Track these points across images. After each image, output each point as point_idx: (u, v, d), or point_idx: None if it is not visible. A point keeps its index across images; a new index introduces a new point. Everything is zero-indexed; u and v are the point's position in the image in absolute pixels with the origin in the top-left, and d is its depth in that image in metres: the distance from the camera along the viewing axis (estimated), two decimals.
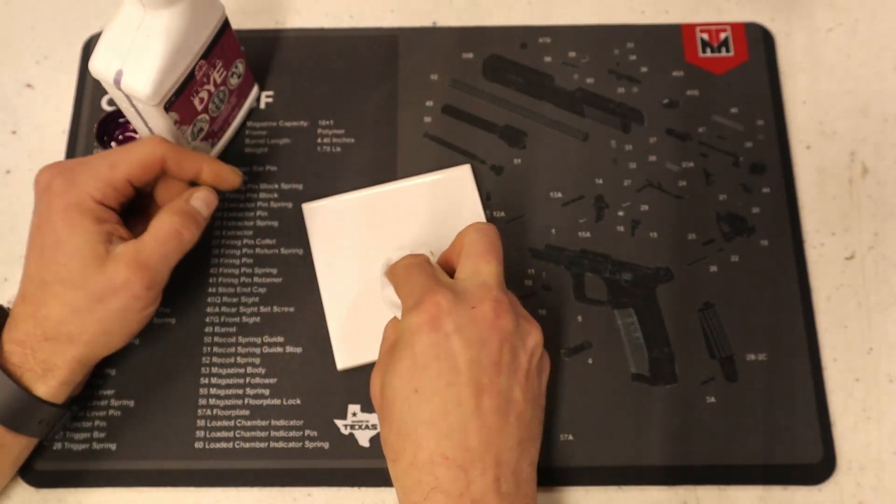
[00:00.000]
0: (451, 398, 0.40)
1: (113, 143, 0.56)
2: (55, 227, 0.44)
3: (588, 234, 0.53)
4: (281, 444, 0.49)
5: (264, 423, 0.50)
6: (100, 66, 0.46)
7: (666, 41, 0.58)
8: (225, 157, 0.55)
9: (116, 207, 0.46)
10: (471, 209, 0.53)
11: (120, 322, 0.45)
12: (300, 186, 0.55)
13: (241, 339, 0.51)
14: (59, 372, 0.45)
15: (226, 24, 0.49)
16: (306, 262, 0.52)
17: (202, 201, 0.48)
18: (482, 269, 0.44)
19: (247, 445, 0.49)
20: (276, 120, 0.56)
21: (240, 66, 0.53)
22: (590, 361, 0.51)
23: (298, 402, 0.50)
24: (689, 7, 0.59)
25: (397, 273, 0.46)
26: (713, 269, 0.53)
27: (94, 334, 0.45)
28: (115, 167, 0.45)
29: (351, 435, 0.49)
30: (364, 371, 0.50)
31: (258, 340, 0.51)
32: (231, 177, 0.49)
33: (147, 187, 0.48)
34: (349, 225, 0.53)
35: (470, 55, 0.58)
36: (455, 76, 0.57)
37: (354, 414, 0.50)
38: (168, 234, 0.45)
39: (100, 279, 0.44)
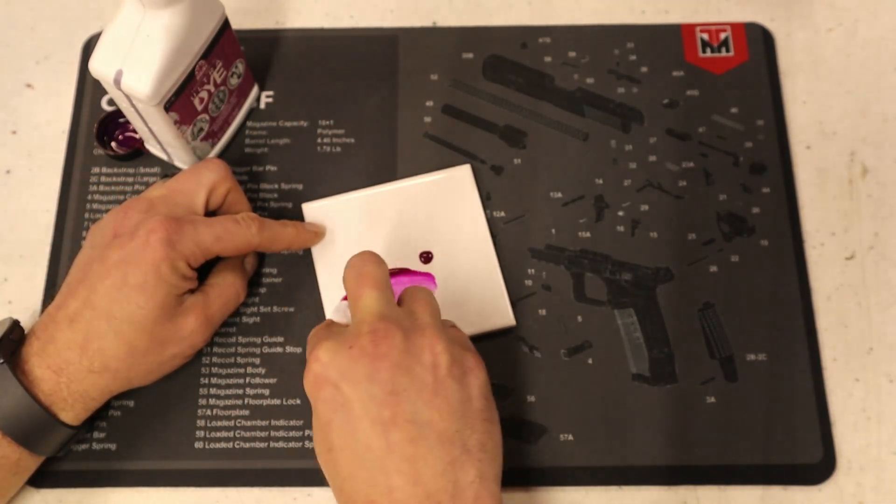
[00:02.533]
0: (360, 445, 0.39)
1: (113, 144, 0.56)
2: (145, 270, 0.44)
3: (588, 234, 0.53)
4: (281, 444, 0.49)
5: (264, 423, 0.50)
6: (100, 66, 0.46)
7: (666, 41, 0.58)
8: (225, 157, 0.55)
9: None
10: (471, 209, 0.53)
11: (166, 365, 0.47)
12: (300, 186, 0.55)
13: (241, 340, 0.51)
14: (91, 403, 0.46)
15: (226, 24, 0.49)
16: (306, 262, 0.52)
17: (251, 264, 0.52)
18: (358, 306, 0.42)
19: (247, 445, 0.49)
20: (276, 120, 0.56)
21: (240, 66, 0.53)
22: (590, 361, 0.51)
23: (298, 402, 0.50)
24: (689, 7, 0.59)
25: None
26: (713, 269, 0.53)
27: (140, 373, 0.46)
28: (219, 242, 0.46)
29: None
30: None
31: (258, 340, 0.51)
32: (314, 241, 0.52)
33: None
34: (349, 225, 0.53)
35: (470, 55, 0.58)
36: (455, 76, 0.57)
37: None
38: (231, 295, 0.49)
39: (168, 327, 0.45)
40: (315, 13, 0.59)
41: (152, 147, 0.54)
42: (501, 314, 0.51)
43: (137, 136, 0.55)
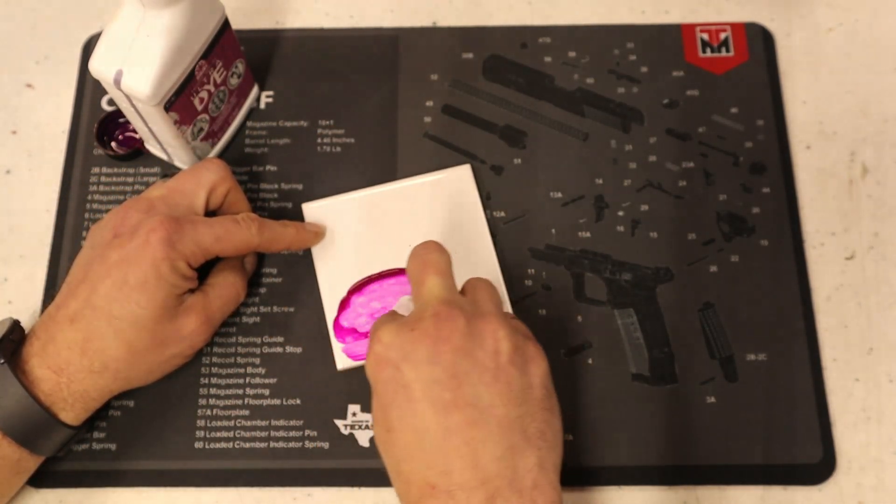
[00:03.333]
0: (419, 426, 0.39)
1: (113, 144, 0.56)
2: (145, 269, 0.44)
3: (588, 234, 0.53)
4: (281, 444, 0.49)
5: (264, 423, 0.50)
6: (100, 66, 0.46)
7: (666, 41, 0.58)
8: (225, 156, 0.55)
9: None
10: (471, 209, 0.53)
11: (166, 365, 0.47)
12: (300, 186, 0.55)
13: (241, 339, 0.51)
14: (91, 403, 0.46)
15: (226, 24, 0.49)
16: (306, 262, 0.52)
17: (251, 264, 0.52)
18: (422, 291, 0.43)
19: (247, 445, 0.49)
20: (276, 120, 0.56)
21: (240, 66, 0.53)
22: (590, 361, 0.51)
23: (298, 402, 0.50)
24: (689, 7, 0.59)
25: None
26: (713, 269, 0.53)
27: (140, 372, 0.46)
28: (219, 242, 0.46)
29: (351, 435, 0.49)
30: (364, 371, 0.50)
31: (258, 340, 0.51)
32: (314, 241, 0.52)
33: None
34: (349, 225, 0.53)
35: (470, 55, 0.58)
36: (455, 76, 0.57)
37: (354, 414, 0.50)
38: (231, 295, 0.49)
39: (169, 326, 0.45)
40: (315, 13, 0.59)
41: (152, 147, 0.54)
42: None
43: (137, 136, 0.55)
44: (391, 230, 0.52)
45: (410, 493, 0.39)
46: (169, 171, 0.55)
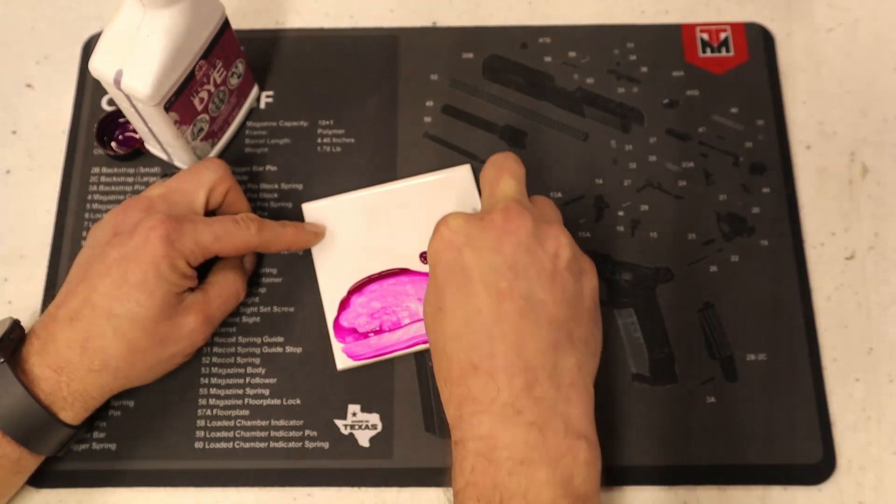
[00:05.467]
0: (471, 309, 0.40)
1: (113, 144, 0.56)
2: (144, 268, 0.44)
3: (588, 234, 0.53)
4: (281, 444, 0.49)
5: (264, 423, 0.50)
6: (100, 66, 0.46)
7: (666, 41, 0.58)
8: (225, 157, 0.55)
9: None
10: (471, 209, 0.53)
11: (166, 363, 0.47)
12: (300, 186, 0.55)
13: (241, 339, 0.51)
14: (91, 402, 0.46)
15: (226, 24, 0.49)
16: (306, 262, 0.52)
17: (251, 263, 0.52)
18: (496, 191, 0.44)
19: (247, 445, 0.49)
20: (276, 120, 0.56)
21: (240, 66, 0.53)
22: None
23: (298, 402, 0.50)
24: (689, 7, 0.59)
25: None
26: (713, 269, 0.53)
27: (140, 371, 0.46)
28: (218, 241, 0.46)
29: (351, 435, 0.49)
30: (364, 371, 0.50)
31: (258, 340, 0.51)
32: (314, 241, 0.52)
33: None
34: (349, 225, 0.53)
35: (470, 55, 0.58)
36: (455, 76, 0.57)
37: (354, 414, 0.50)
38: (230, 294, 0.49)
39: (168, 325, 0.46)
40: (315, 13, 0.59)
41: (152, 147, 0.54)
42: None
43: (137, 136, 0.55)
44: (391, 230, 0.52)
45: (452, 370, 0.40)
46: (169, 171, 0.55)
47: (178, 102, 0.48)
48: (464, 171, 0.54)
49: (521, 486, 0.38)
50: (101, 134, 0.55)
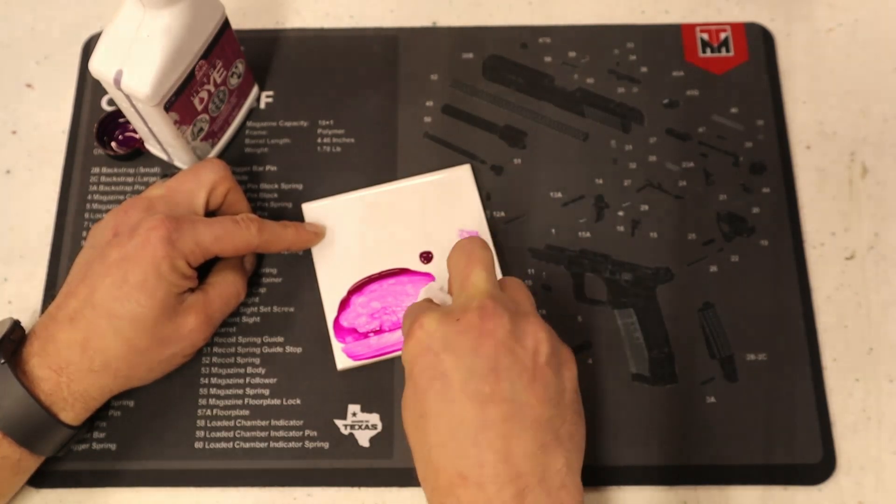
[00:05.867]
0: (455, 416, 0.39)
1: (113, 144, 0.56)
2: (145, 268, 0.44)
3: (588, 234, 0.53)
4: (281, 444, 0.49)
5: (264, 423, 0.50)
6: (100, 66, 0.46)
7: (666, 41, 0.58)
8: (225, 157, 0.55)
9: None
10: (471, 209, 0.53)
11: (166, 364, 0.47)
12: (300, 186, 0.55)
13: (241, 339, 0.51)
14: (92, 402, 0.46)
15: (226, 24, 0.49)
16: (306, 262, 0.52)
17: (251, 264, 0.52)
18: (467, 284, 0.43)
19: (247, 445, 0.49)
20: (276, 120, 0.56)
21: (240, 66, 0.53)
22: (590, 361, 0.51)
23: (298, 402, 0.50)
24: (689, 7, 0.59)
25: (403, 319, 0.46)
26: (713, 269, 0.53)
27: (140, 371, 0.46)
28: (218, 242, 0.46)
29: (351, 435, 0.49)
30: (364, 371, 0.50)
31: (258, 340, 0.51)
32: (314, 242, 0.52)
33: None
34: (349, 225, 0.53)
35: (470, 55, 0.58)
36: (455, 76, 0.57)
37: (354, 414, 0.50)
38: (231, 294, 0.49)
39: (169, 325, 0.45)
40: (315, 13, 0.59)
41: (152, 147, 0.54)
42: None
43: (137, 136, 0.55)
44: (391, 230, 0.52)
45: (439, 480, 0.39)
46: (169, 171, 0.55)
47: (178, 102, 0.48)
48: (464, 171, 0.54)
49: None
50: (101, 134, 0.55)
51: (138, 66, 0.45)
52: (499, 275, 0.51)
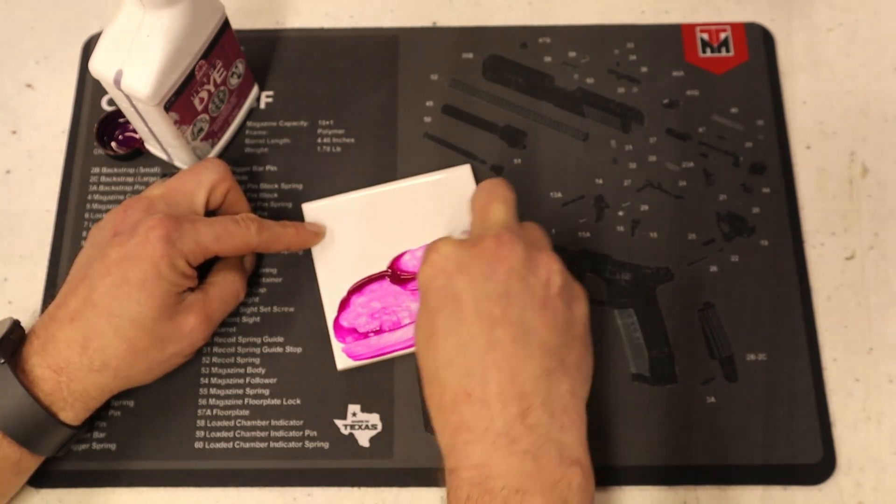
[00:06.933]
0: (464, 335, 0.40)
1: (113, 144, 0.56)
2: (144, 267, 0.44)
3: (588, 234, 0.53)
4: (281, 444, 0.49)
5: (264, 423, 0.50)
6: (100, 66, 0.46)
7: (666, 41, 0.58)
8: (225, 157, 0.55)
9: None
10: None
11: (166, 363, 0.47)
12: (300, 186, 0.55)
13: (241, 339, 0.51)
14: (91, 402, 0.45)
15: (226, 24, 0.49)
16: (306, 262, 0.52)
17: (250, 263, 0.52)
18: (487, 217, 0.44)
19: (247, 445, 0.49)
20: (276, 120, 0.56)
21: (240, 66, 0.53)
22: None
23: (298, 402, 0.50)
24: (689, 7, 0.59)
25: None
26: (713, 269, 0.53)
27: (140, 371, 0.46)
28: (218, 241, 0.46)
29: (351, 435, 0.49)
30: (364, 371, 0.50)
31: (258, 340, 0.51)
32: (314, 241, 0.52)
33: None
34: (349, 225, 0.53)
35: (470, 55, 0.58)
36: (455, 76, 0.57)
37: (354, 414, 0.50)
38: (230, 294, 0.49)
39: (168, 324, 0.46)
40: (315, 13, 0.59)
41: (152, 147, 0.54)
42: None
43: (137, 136, 0.55)
44: (391, 230, 0.52)
45: (445, 396, 0.40)
46: (169, 171, 0.55)
47: (178, 102, 0.48)
48: (464, 171, 0.54)
49: None
50: (101, 134, 0.55)
51: (138, 67, 0.45)
52: None
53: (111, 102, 0.56)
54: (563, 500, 0.38)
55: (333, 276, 0.52)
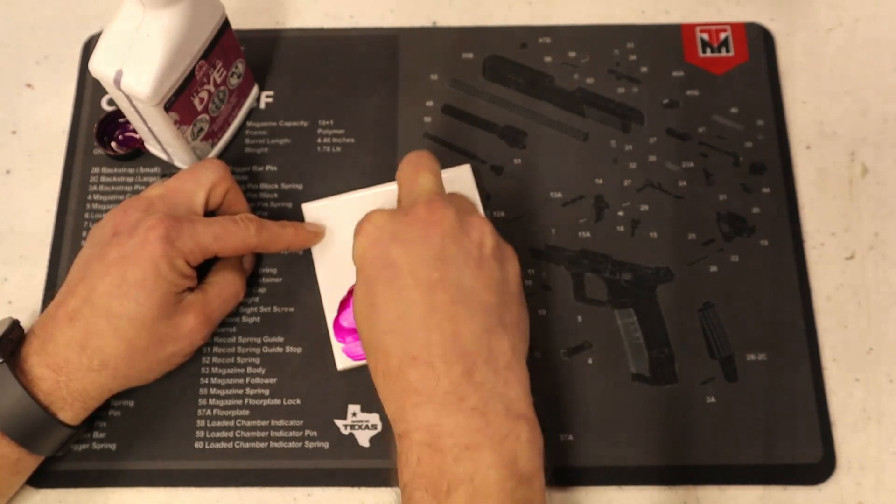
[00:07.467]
0: (404, 302, 0.41)
1: (113, 144, 0.56)
2: (144, 267, 0.44)
3: (588, 234, 0.53)
4: (281, 444, 0.49)
5: (264, 423, 0.50)
6: (100, 66, 0.46)
7: (666, 41, 0.58)
8: (225, 157, 0.55)
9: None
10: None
11: (165, 363, 0.47)
12: (300, 186, 0.55)
13: (241, 339, 0.51)
14: (90, 402, 0.46)
15: (226, 24, 0.49)
16: (306, 262, 0.52)
17: (250, 263, 0.52)
18: (414, 186, 0.45)
19: (247, 445, 0.49)
20: (276, 120, 0.56)
21: (240, 66, 0.53)
22: (590, 361, 0.51)
23: (298, 402, 0.50)
24: (689, 7, 0.59)
25: None
26: (713, 269, 0.53)
27: (139, 371, 0.46)
28: (217, 241, 0.46)
29: (351, 435, 0.49)
30: (364, 371, 0.50)
31: (258, 340, 0.51)
32: (314, 241, 0.52)
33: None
34: (349, 225, 0.52)
35: (470, 55, 0.58)
36: (455, 76, 0.57)
37: (354, 414, 0.50)
38: (230, 293, 0.49)
39: (168, 324, 0.46)
40: (315, 13, 0.59)
41: (152, 147, 0.54)
42: None
43: (137, 136, 0.55)
44: None
45: (390, 363, 0.41)
46: (169, 171, 0.55)
47: (178, 102, 0.48)
48: (464, 171, 0.54)
49: (468, 471, 0.38)
50: (101, 134, 0.55)
51: (138, 66, 0.45)
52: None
53: (111, 102, 0.56)
54: (513, 454, 0.39)
55: (333, 276, 0.52)
